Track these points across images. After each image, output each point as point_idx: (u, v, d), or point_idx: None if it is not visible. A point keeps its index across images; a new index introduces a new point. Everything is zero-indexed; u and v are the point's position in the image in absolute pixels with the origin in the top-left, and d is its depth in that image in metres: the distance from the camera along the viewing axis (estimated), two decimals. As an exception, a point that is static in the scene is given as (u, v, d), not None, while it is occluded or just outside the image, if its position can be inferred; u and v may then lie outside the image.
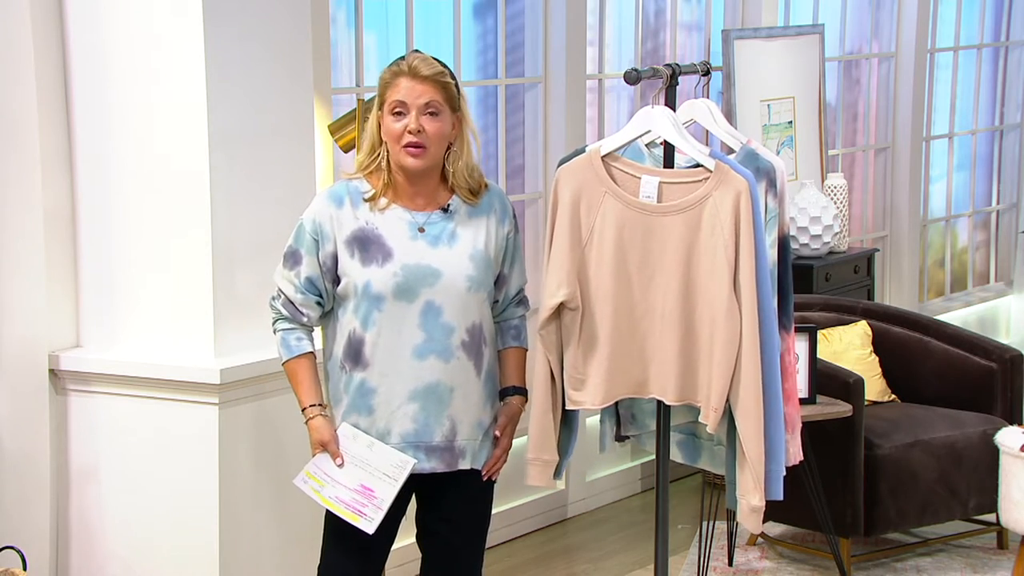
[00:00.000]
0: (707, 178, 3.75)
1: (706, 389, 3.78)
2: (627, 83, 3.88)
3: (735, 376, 3.74)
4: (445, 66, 3.77)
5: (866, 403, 5.69)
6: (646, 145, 3.96)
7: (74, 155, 4.69)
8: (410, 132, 3.70)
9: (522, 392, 3.93)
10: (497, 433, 3.88)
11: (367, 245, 3.73)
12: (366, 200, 3.76)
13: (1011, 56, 9.15)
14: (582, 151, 3.85)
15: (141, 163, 4.58)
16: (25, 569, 4.49)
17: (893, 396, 6.14)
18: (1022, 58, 9.16)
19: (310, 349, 3.84)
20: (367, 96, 4.75)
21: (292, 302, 3.80)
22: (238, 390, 4.49)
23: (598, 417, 4.14)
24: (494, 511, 3.78)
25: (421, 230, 3.75)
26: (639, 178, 3.80)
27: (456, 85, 3.78)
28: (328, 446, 3.79)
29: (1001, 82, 9.14)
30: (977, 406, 5.98)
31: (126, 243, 4.63)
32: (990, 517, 5.87)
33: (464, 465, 3.82)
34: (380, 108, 3.77)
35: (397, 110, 3.71)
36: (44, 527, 4.72)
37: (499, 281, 3.86)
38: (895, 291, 8.33)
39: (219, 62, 4.46)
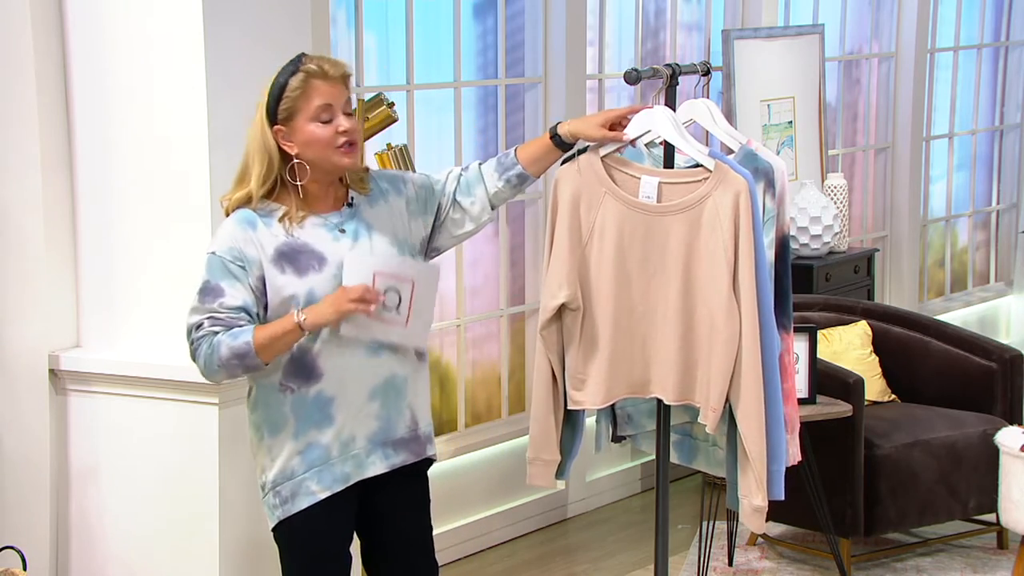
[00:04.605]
0: (707, 178, 3.74)
1: (705, 389, 3.77)
2: (627, 83, 3.87)
3: (735, 376, 3.73)
4: None
5: (866, 403, 5.69)
6: (645, 145, 3.96)
7: (74, 155, 4.69)
8: (346, 132, 3.62)
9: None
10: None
11: (295, 257, 3.63)
12: (280, 220, 3.65)
13: (1011, 56, 9.15)
14: (582, 151, 3.85)
15: (141, 163, 4.58)
16: (25, 569, 4.49)
17: (893, 396, 6.13)
18: (1022, 58, 9.16)
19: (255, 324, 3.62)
20: (367, 96, 4.76)
21: (220, 319, 3.59)
22: (238, 390, 4.49)
23: (594, 417, 4.14)
24: (494, 511, 3.78)
25: (342, 230, 3.68)
26: (639, 178, 3.79)
27: None
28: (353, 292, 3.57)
29: (1001, 82, 9.14)
30: (977, 406, 5.97)
31: (126, 243, 4.63)
32: (990, 517, 5.86)
33: (431, 451, 3.82)
34: (283, 122, 3.61)
35: (325, 117, 3.61)
36: (44, 527, 4.72)
37: (438, 212, 3.80)
38: (895, 291, 8.32)
39: (219, 62, 4.46)
